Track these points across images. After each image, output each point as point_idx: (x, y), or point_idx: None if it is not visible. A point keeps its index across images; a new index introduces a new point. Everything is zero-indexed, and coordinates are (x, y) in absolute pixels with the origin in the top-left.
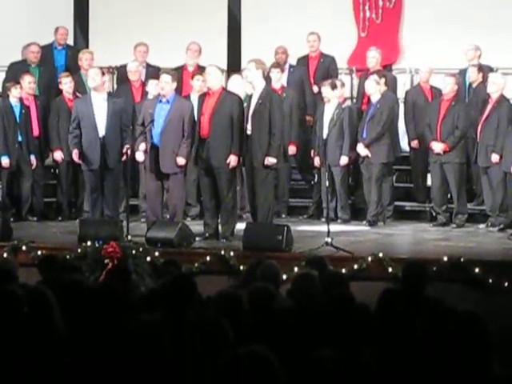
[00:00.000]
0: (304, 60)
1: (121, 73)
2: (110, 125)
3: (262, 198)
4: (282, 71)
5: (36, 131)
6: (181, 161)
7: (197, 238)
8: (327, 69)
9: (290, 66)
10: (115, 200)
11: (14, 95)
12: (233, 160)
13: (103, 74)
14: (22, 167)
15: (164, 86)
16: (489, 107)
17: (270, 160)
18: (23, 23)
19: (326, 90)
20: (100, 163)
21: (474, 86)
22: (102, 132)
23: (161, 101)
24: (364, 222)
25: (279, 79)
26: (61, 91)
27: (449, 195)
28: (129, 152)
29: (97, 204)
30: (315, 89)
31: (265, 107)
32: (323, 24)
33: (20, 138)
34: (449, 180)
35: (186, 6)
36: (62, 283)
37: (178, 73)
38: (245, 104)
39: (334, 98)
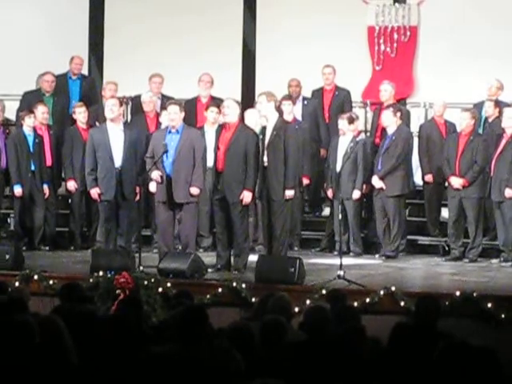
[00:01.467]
0: (319, 92)
1: (135, 103)
2: (126, 156)
3: (279, 230)
4: (294, 103)
5: (49, 161)
6: (195, 191)
7: (209, 270)
8: (342, 102)
9: (304, 99)
10: (129, 230)
11: (28, 124)
12: (246, 196)
13: (121, 104)
14: (35, 196)
15: (173, 116)
16: (503, 142)
17: (288, 193)
18: (38, 52)
19: (342, 123)
20: (115, 194)
21: (490, 120)
22: (118, 163)
23: (170, 131)
24: (376, 256)
25: (291, 111)
26: (75, 121)
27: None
28: (142, 187)
29: (110, 234)
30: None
31: (279, 138)
32: (338, 57)
33: (33, 167)
34: (467, 215)
35: (200, 37)
36: (75, 313)
37: (192, 104)
38: (260, 137)
39: (349, 132)
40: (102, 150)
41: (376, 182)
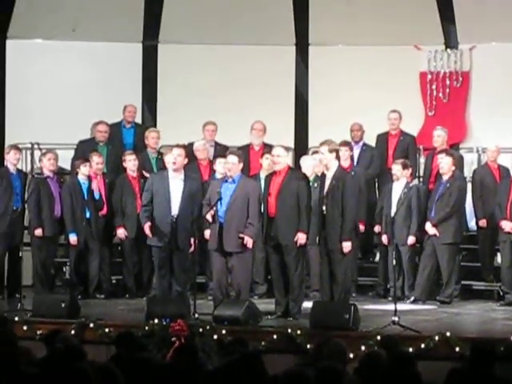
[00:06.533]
0: (384, 137)
1: (188, 151)
2: (183, 205)
3: (340, 278)
4: (351, 149)
5: (104, 209)
6: (248, 242)
7: (268, 317)
8: (407, 147)
9: (364, 144)
10: (184, 277)
11: (83, 173)
12: (300, 237)
13: (186, 155)
14: (90, 245)
15: (231, 167)
16: None
17: (345, 245)
18: (93, 101)
19: (396, 168)
20: (169, 241)
21: None
22: (174, 211)
23: (226, 181)
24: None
25: (347, 157)
26: (125, 169)
27: None
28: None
29: (163, 280)
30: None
31: (338, 188)
32: (391, 103)
33: (88, 215)
34: None
35: (252, 84)
36: (132, 361)
37: (245, 152)
38: (315, 184)
39: (403, 177)
40: (161, 196)
41: (429, 228)
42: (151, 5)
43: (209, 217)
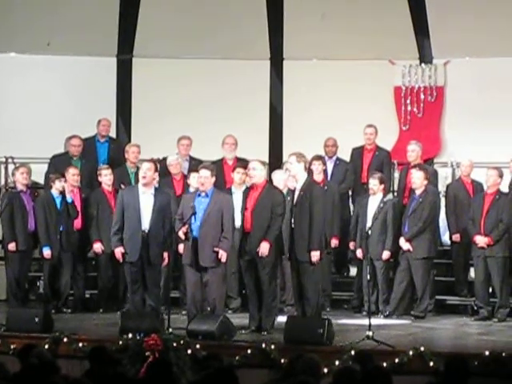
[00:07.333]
0: (359, 151)
1: (161, 166)
2: (154, 220)
3: (310, 291)
4: (324, 164)
5: (79, 223)
6: (223, 256)
7: (242, 331)
8: (381, 162)
9: (337, 159)
10: (157, 291)
11: (57, 187)
12: (263, 247)
13: (156, 170)
14: (63, 259)
15: (204, 181)
16: None
17: (313, 254)
18: (67, 115)
19: (373, 183)
20: (140, 256)
21: None
22: (145, 225)
23: (199, 195)
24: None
25: (320, 171)
26: (99, 183)
27: (491, 289)
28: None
29: (136, 295)
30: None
31: (306, 199)
32: (365, 118)
33: (61, 229)
34: (492, 274)
35: (226, 98)
36: (105, 376)
37: (219, 166)
38: (288, 198)
39: (379, 192)
40: (131, 211)
41: (403, 244)
42: (125, 19)
43: (181, 234)
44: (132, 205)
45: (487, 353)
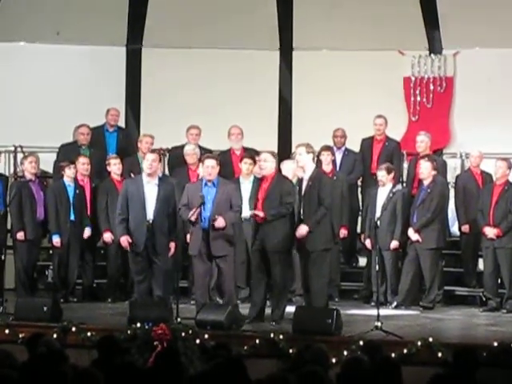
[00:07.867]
0: (368, 142)
1: (175, 155)
2: (158, 210)
3: (317, 281)
4: (333, 154)
5: (89, 211)
6: (220, 221)
7: (246, 321)
8: (391, 153)
9: (346, 150)
10: (165, 281)
11: (68, 175)
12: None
13: (160, 160)
14: (72, 245)
15: (211, 170)
16: None
17: (302, 227)
18: (76, 104)
19: (381, 174)
20: (145, 246)
21: None
22: (149, 215)
23: (206, 184)
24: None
25: (329, 162)
26: (109, 173)
27: (499, 280)
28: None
29: (141, 286)
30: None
31: (314, 189)
32: (374, 108)
33: (73, 217)
34: (501, 265)
35: (236, 88)
36: (113, 365)
37: (227, 156)
38: (297, 188)
39: (388, 182)
40: (135, 201)
41: (412, 234)
42: (135, 8)
43: (193, 218)
44: (136, 195)
45: (496, 343)
